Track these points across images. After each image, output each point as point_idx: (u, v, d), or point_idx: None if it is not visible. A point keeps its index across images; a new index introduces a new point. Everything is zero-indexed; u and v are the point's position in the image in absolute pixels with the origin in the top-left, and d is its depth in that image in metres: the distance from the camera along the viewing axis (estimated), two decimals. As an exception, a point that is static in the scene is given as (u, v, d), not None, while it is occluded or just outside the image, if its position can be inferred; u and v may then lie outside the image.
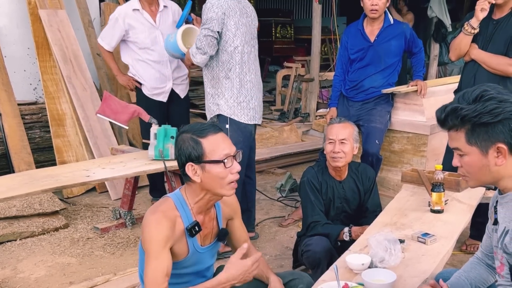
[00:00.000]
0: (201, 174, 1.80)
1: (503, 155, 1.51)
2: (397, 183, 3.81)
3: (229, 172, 1.80)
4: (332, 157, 2.77)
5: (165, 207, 1.83)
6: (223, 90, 3.31)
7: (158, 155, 3.26)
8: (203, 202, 1.87)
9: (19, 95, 4.64)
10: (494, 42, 3.02)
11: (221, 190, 1.83)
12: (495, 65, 3.01)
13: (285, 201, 4.43)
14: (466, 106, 1.51)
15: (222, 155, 1.79)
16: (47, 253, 3.37)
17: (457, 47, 3.13)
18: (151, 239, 1.77)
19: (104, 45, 4.01)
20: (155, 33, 3.96)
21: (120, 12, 3.94)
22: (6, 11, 4.67)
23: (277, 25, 10.58)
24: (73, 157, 4.51)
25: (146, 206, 4.26)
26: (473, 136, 1.52)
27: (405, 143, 3.87)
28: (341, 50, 3.87)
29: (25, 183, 2.83)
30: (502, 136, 1.49)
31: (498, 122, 1.48)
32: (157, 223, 1.78)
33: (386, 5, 3.61)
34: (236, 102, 3.31)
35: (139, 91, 4.09)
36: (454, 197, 2.70)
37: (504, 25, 3.00)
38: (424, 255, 2.09)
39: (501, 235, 1.57)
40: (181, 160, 1.83)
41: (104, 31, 4.05)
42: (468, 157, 1.56)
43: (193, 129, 1.82)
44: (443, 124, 1.58)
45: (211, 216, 1.97)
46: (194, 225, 1.85)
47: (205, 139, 1.79)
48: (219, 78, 3.30)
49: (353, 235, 2.67)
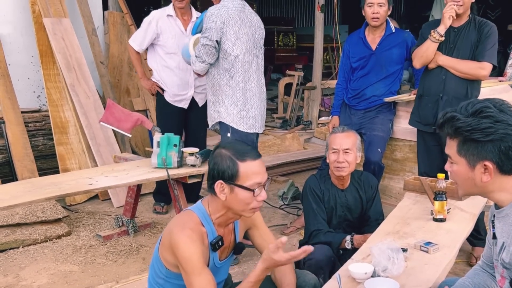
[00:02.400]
0: (228, 193, 1.81)
1: (489, 173, 1.52)
2: (399, 191, 3.81)
3: (255, 199, 1.82)
4: (336, 167, 2.78)
5: (192, 224, 1.84)
6: (224, 98, 3.33)
7: (161, 163, 3.27)
8: (224, 218, 1.90)
9: (23, 103, 4.66)
10: (459, 49, 3.18)
11: (242, 212, 1.85)
12: (466, 69, 3.15)
13: (287, 209, 4.43)
14: (463, 118, 1.52)
15: (254, 184, 1.80)
16: (49, 261, 3.37)
17: (423, 54, 3.22)
18: (190, 256, 1.75)
19: (135, 46, 4.11)
20: (184, 40, 4.03)
21: (154, 15, 4.07)
22: (10, 19, 4.70)
23: (279, 34, 10.61)
24: (76, 164, 4.52)
25: (148, 214, 4.27)
26: (463, 148, 1.54)
27: (407, 151, 3.87)
28: (343, 58, 3.89)
29: (28, 190, 2.84)
30: (490, 155, 1.50)
31: (488, 141, 1.48)
32: (191, 240, 1.77)
33: (387, 13, 3.63)
34: (236, 110, 3.33)
35: (159, 96, 4.17)
36: (457, 206, 2.70)
37: (466, 32, 3.17)
38: (427, 264, 2.09)
39: (500, 250, 1.57)
40: (212, 173, 1.83)
41: (136, 33, 4.16)
42: (457, 166, 1.58)
43: (234, 149, 1.83)
44: (440, 128, 1.61)
45: (230, 229, 1.99)
46: (218, 240, 1.87)
47: (243, 163, 1.80)
48: (220, 85, 3.33)
49: (355, 243, 2.67)
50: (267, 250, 1.77)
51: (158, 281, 1.94)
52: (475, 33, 3.15)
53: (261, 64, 3.50)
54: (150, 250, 3.56)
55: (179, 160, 3.33)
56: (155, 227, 3.98)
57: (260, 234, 2.11)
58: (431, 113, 3.25)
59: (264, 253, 1.78)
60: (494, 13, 8.68)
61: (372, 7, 3.57)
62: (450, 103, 3.13)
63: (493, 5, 8.73)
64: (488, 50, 3.11)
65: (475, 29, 3.16)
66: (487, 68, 3.13)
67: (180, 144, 3.34)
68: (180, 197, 3.43)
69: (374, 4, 3.55)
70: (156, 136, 3.35)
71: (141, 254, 3.50)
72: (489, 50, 3.11)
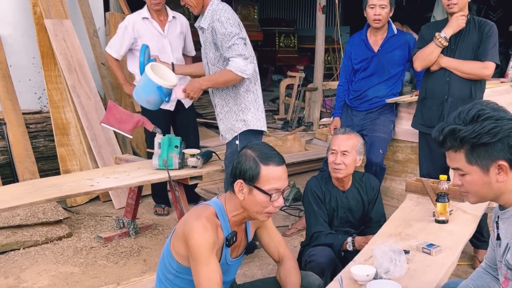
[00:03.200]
0: (246, 194, 1.83)
1: (504, 172, 1.51)
2: (401, 193, 3.80)
3: (271, 204, 1.83)
4: (333, 168, 2.77)
5: (208, 214, 1.86)
6: (248, 104, 3.16)
7: (162, 164, 3.27)
8: (239, 217, 1.91)
9: (24, 104, 4.66)
10: (461, 50, 3.18)
11: (257, 214, 1.87)
12: (469, 70, 3.15)
13: (288, 210, 4.41)
14: (464, 127, 1.50)
15: (273, 189, 1.81)
16: (50, 262, 3.36)
17: (426, 58, 3.22)
18: (200, 245, 1.76)
19: (113, 53, 4.04)
20: (163, 42, 4.01)
21: (129, 20, 4.01)
22: (11, 20, 4.70)
23: (280, 35, 10.61)
24: (77, 165, 4.52)
25: (149, 215, 4.26)
26: (473, 156, 1.52)
27: (409, 152, 3.86)
28: (344, 60, 3.88)
29: (29, 192, 2.83)
30: (502, 154, 1.49)
31: (498, 141, 1.48)
32: (205, 228, 1.79)
33: (389, 15, 3.62)
34: (261, 112, 3.23)
35: None
36: (459, 207, 2.69)
37: (466, 33, 3.18)
38: (429, 266, 2.08)
39: (504, 251, 1.56)
40: (235, 171, 1.86)
41: (113, 40, 4.09)
42: (470, 176, 1.56)
43: (261, 151, 1.85)
44: (441, 145, 1.58)
45: (242, 228, 2.00)
46: (233, 235, 1.89)
47: (265, 167, 1.81)
48: (240, 93, 3.14)
49: (356, 245, 2.66)
50: None
51: (168, 277, 1.94)
52: (475, 33, 3.15)
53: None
54: (151, 252, 3.55)
55: (180, 161, 3.32)
56: (156, 229, 3.97)
57: (268, 233, 2.13)
58: (436, 116, 3.24)
59: None
60: (496, 14, 8.67)
61: (374, 9, 3.56)
62: (455, 105, 3.11)
63: (494, 6, 8.73)
64: (490, 49, 3.11)
65: (476, 29, 3.16)
66: (490, 67, 3.13)
67: (181, 145, 3.33)
68: (181, 198, 3.42)
69: (376, 6, 3.55)
70: (157, 137, 3.34)
71: (142, 256, 3.49)
72: (491, 50, 3.12)
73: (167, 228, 3.99)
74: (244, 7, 9.53)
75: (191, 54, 4.37)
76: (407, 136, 3.82)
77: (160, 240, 3.74)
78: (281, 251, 2.15)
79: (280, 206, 1.87)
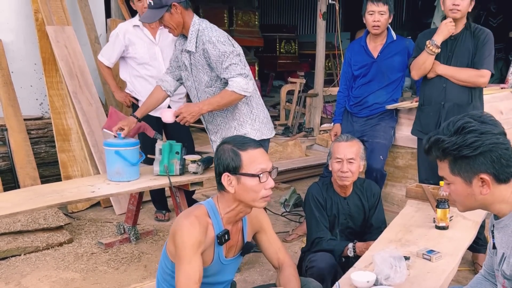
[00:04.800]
0: (236, 185, 1.84)
1: (487, 184, 1.51)
2: (401, 198, 3.80)
3: (262, 187, 1.85)
4: (340, 176, 2.77)
5: (199, 213, 1.87)
6: (245, 118, 3.15)
7: (163, 171, 3.27)
8: (233, 212, 1.91)
9: (25, 110, 4.68)
10: (457, 57, 3.20)
11: (253, 202, 1.88)
12: (465, 77, 3.17)
13: (289, 216, 4.42)
14: (447, 138, 1.52)
15: (258, 169, 1.83)
16: (51, 268, 3.36)
17: (421, 66, 3.24)
18: (185, 242, 1.78)
19: (104, 61, 4.10)
20: (154, 49, 4.04)
21: (121, 28, 4.05)
22: (13, 27, 4.73)
23: (281, 41, 10.65)
24: (78, 171, 4.53)
25: (150, 221, 4.27)
26: (456, 167, 1.54)
27: (409, 158, 3.87)
28: (344, 66, 3.90)
29: (31, 198, 2.84)
30: (484, 167, 1.50)
31: (479, 154, 1.49)
32: (191, 226, 1.80)
33: (388, 22, 3.64)
34: (262, 123, 3.21)
35: (135, 107, 4.13)
36: (459, 213, 2.69)
37: (463, 40, 3.19)
38: (430, 272, 2.08)
39: (500, 261, 1.56)
40: (218, 169, 1.88)
41: (105, 47, 4.15)
42: (454, 186, 1.58)
43: (235, 141, 1.88)
44: (427, 153, 1.61)
45: (238, 228, 2.00)
46: (224, 233, 1.89)
47: (244, 152, 1.84)
48: (237, 107, 3.11)
49: (357, 251, 2.66)
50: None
51: (166, 278, 1.96)
52: (471, 41, 3.17)
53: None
54: (152, 258, 3.55)
55: (181, 168, 3.33)
56: (157, 234, 3.97)
57: (267, 238, 2.13)
58: (433, 122, 3.26)
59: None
60: (496, 20, 8.68)
61: (373, 15, 3.58)
62: (452, 110, 3.14)
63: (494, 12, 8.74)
64: (486, 57, 3.14)
65: (471, 36, 3.18)
66: (486, 75, 3.15)
67: (182, 151, 3.34)
68: (182, 204, 3.43)
69: (375, 12, 3.56)
70: (158, 143, 3.35)
71: (142, 262, 3.50)
72: (487, 58, 3.14)
73: (167, 233, 3.98)
74: (245, 13, 9.57)
75: None
76: (407, 142, 3.83)
77: (161, 246, 3.74)
78: (280, 257, 2.15)
79: (271, 187, 1.87)
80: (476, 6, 3.24)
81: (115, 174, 3.18)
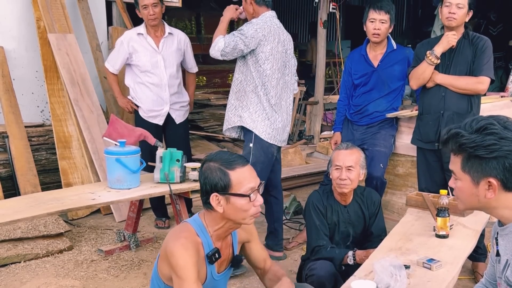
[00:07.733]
0: (224, 204, 1.81)
1: (493, 189, 1.51)
2: (401, 206, 3.80)
3: (252, 205, 1.82)
4: (338, 184, 2.78)
5: (187, 234, 1.84)
6: (248, 103, 3.41)
7: (163, 178, 3.28)
8: (222, 230, 1.89)
9: (27, 117, 4.69)
10: (455, 66, 3.22)
11: (243, 220, 1.85)
12: (464, 85, 3.18)
13: (289, 224, 4.41)
14: (467, 135, 1.52)
15: (248, 189, 1.80)
16: (51, 276, 3.36)
17: (420, 76, 3.26)
18: (186, 264, 1.75)
19: (109, 67, 4.17)
20: (156, 57, 4.07)
21: (126, 36, 4.12)
22: (15, 34, 4.75)
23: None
24: (78, 179, 4.53)
25: (150, 228, 4.26)
26: (467, 165, 1.54)
27: (410, 167, 3.87)
28: (344, 75, 3.91)
29: (31, 205, 2.84)
30: (494, 172, 1.50)
31: (493, 158, 1.48)
32: (186, 248, 1.77)
33: (388, 30, 3.65)
34: (260, 118, 3.40)
35: (137, 113, 4.20)
36: (459, 222, 2.69)
37: (461, 49, 3.22)
38: (430, 281, 2.08)
39: (503, 268, 1.56)
40: (205, 188, 1.83)
41: (111, 54, 4.23)
42: (461, 182, 1.58)
43: (222, 160, 1.83)
44: (444, 144, 1.61)
45: (228, 243, 1.98)
46: (214, 252, 1.86)
47: (233, 172, 1.80)
48: (246, 92, 3.41)
49: (357, 259, 2.66)
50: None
51: None
52: (470, 49, 3.19)
53: (290, 82, 3.57)
54: (152, 265, 3.54)
55: (181, 175, 3.33)
56: (157, 242, 3.97)
57: (256, 248, 2.12)
58: (433, 131, 3.26)
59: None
60: (496, 29, 8.71)
61: (374, 23, 3.59)
62: (451, 119, 3.15)
63: (494, 21, 8.78)
64: (485, 64, 3.14)
65: (470, 45, 3.20)
66: (485, 82, 3.16)
67: (182, 159, 3.35)
68: (182, 211, 3.43)
69: (376, 20, 3.58)
70: (159, 151, 3.36)
71: (142, 269, 3.49)
72: (486, 65, 3.15)
73: (167, 241, 3.98)
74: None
75: (192, 71, 4.43)
76: (407, 151, 3.83)
77: (161, 254, 3.73)
78: (268, 263, 2.16)
79: (260, 204, 1.85)
80: (476, 15, 3.26)
81: (115, 182, 3.19)
